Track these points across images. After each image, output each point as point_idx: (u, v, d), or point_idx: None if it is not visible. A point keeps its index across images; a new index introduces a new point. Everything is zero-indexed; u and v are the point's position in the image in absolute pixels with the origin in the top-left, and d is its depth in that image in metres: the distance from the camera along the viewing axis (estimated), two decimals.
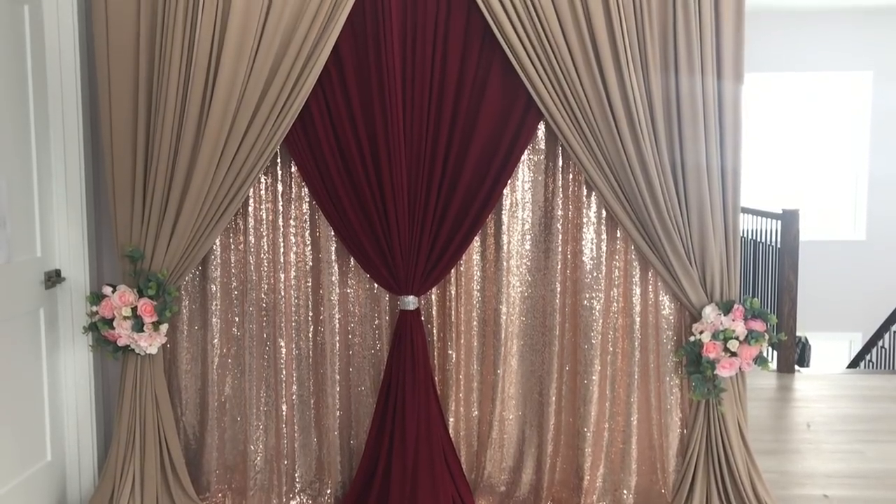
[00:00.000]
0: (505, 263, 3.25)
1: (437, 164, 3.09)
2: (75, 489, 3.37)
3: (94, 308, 3.14)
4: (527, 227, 3.27)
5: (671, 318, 3.20)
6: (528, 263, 3.29)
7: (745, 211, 7.09)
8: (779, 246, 6.14)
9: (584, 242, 3.22)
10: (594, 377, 3.22)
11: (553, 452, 3.30)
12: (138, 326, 3.10)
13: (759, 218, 6.88)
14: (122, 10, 3.02)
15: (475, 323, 3.31)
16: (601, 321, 3.22)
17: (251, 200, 3.25)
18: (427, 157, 3.10)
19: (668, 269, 3.09)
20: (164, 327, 3.15)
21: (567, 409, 3.30)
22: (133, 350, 3.15)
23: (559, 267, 3.24)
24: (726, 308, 3.04)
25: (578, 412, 3.26)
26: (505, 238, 3.25)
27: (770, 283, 6.57)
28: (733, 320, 3.00)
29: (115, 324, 3.11)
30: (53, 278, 3.24)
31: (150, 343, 3.12)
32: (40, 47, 3.14)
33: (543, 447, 3.28)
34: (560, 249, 3.23)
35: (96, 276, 3.37)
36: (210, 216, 3.10)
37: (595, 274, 3.21)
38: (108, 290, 3.13)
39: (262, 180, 3.26)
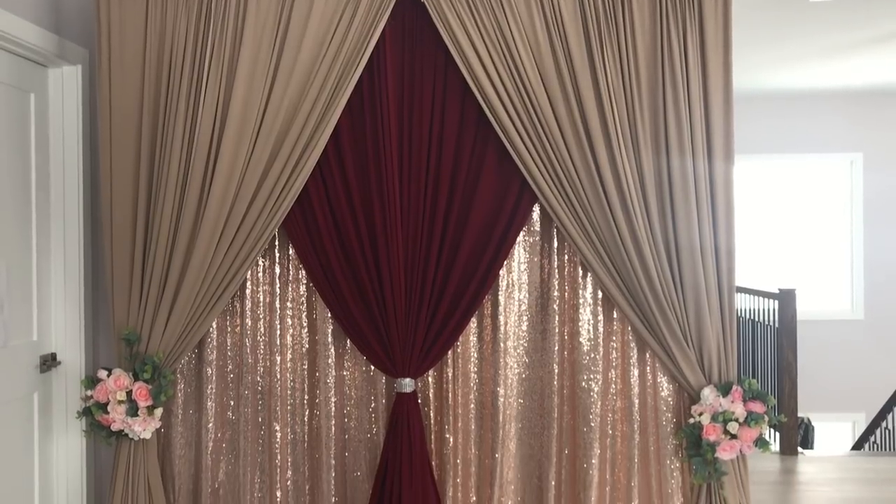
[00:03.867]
0: (502, 345, 3.25)
1: (433, 246, 3.12)
2: None
3: (89, 392, 3.12)
4: (523, 308, 3.28)
5: (670, 399, 3.18)
6: (526, 345, 3.28)
7: (742, 290, 7.10)
8: (777, 325, 6.14)
9: (580, 323, 3.22)
10: (594, 461, 3.17)
11: None
12: (133, 411, 3.07)
13: (756, 297, 6.89)
14: (126, 100, 3.10)
15: (472, 406, 3.28)
16: (600, 403, 3.19)
17: (248, 283, 3.27)
18: (424, 239, 3.14)
19: (665, 349, 3.08)
20: (159, 411, 3.12)
21: (567, 495, 3.24)
22: (127, 435, 3.11)
23: (556, 348, 3.23)
24: (725, 390, 3.02)
25: (579, 498, 3.20)
26: (502, 319, 3.25)
27: (769, 364, 6.53)
28: (732, 402, 2.98)
29: (109, 408, 3.07)
30: (49, 362, 3.22)
31: (144, 428, 3.09)
32: (44, 133, 3.22)
33: None
34: (557, 330, 3.23)
35: (92, 359, 3.36)
36: (208, 298, 3.11)
37: (592, 355, 3.20)
38: (103, 373, 3.11)
39: (260, 262, 3.28)
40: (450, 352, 3.26)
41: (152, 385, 3.10)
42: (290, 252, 3.28)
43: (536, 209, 3.26)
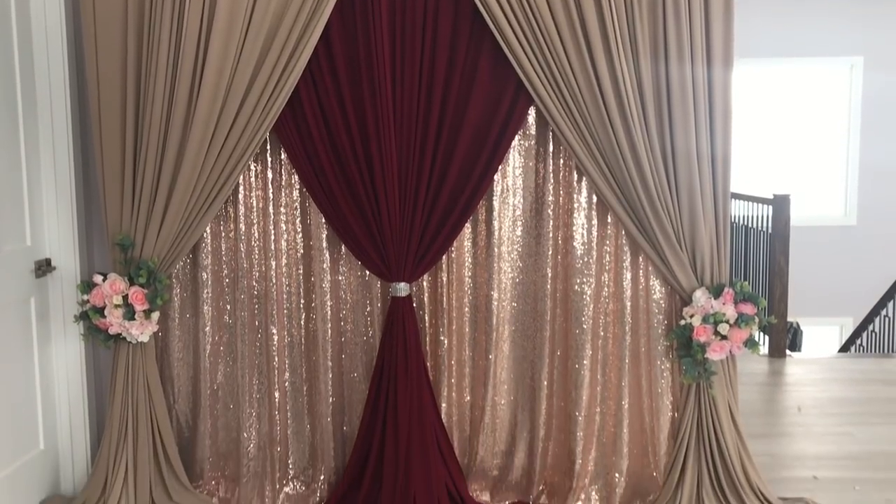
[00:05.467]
0: (496, 249, 3.26)
1: (427, 149, 3.09)
2: (69, 477, 3.37)
3: (85, 297, 3.14)
4: (518, 213, 3.28)
5: (662, 302, 3.21)
6: (520, 249, 3.29)
7: (737, 197, 7.09)
8: (770, 231, 6.17)
9: (574, 228, 3.22)
10: (585, 361, 3.23)
11: (545, 436, 3.31)
12: (129, 315, 3.10)
13: (751, 203, 6.90)
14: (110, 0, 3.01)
15: (467, 309, 3.32)
16: (592, 306, 3.23)
17: (241, 188, 3.25)
18: (417, 142, 3.10)
19: (658, 253, 3.10)
20: (156, 315, 3.15)
21: (559, 394, 3.31)
22: (125, 338, 3.14)
23: (550, 252, 3.24)
24: (716, 292, 3.06)
25: (570, 396, 3.27)
26: (496, 224, 3.25)
27: (761, 269, 6.59)
28: (723, 304, 3.02)
29: (106, 312, 3.10)
30: (44, 267, 3.23)
31: (141, 331, 3.12)
32: (27, 38, 3.12)
33: (535, 431, 3.30)
34: (551, 235, 3.24)
35: (87, 265, 3.37)
36: (200, 204, 3.09)
37: (586, 259, 3.22)
38: (98, 278, 3.12)
39: (252, 168, 3.26)
40: (444, 257, 3.27)
41: (148, 290, 3.12)
42: (283, 157, 3.24)
43: (532, 113, 3.21)
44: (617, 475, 3.27)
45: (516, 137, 3.21)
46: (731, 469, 3.09)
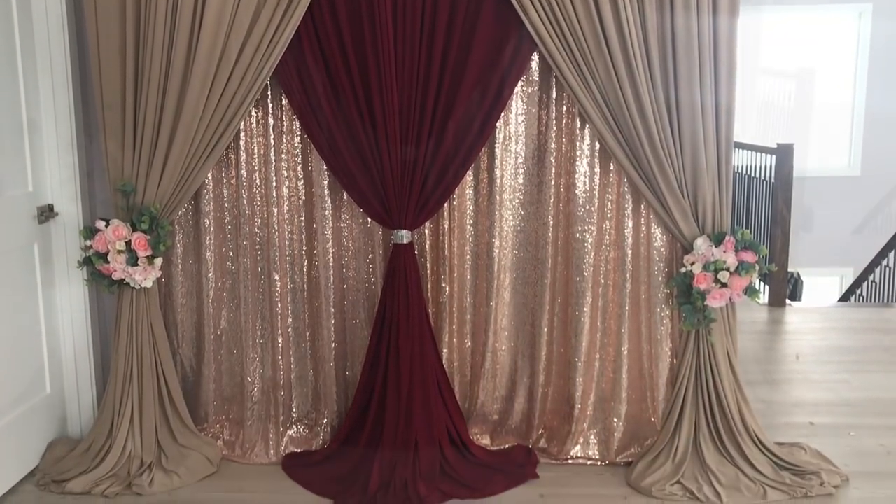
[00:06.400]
0: (498, 197, 3.26)
1: (429, 94, 3.06)
2: (75, 421, 3.43)
3: (88, 242, 3.15)
4: (520, 160, 3.26)
5: (663, 250, 3.22)
6: (521, 197, 3.29)
7: (740, 146, 7.06)
8: (773, 181, 6.15)
9: (577, 175, 3.21)
10: (586, 309, 3.25)
11: (545, 382, 3.35)
12: (133, 260, 3.11)
13: (754, 153, 6.87)
14: None
15: (468, 257, 3.33)
16: (593, 254, 3.24)
17: (242, 134, 3.23)
18: (419, 87, 3.07)
19: (660, 200, 3.09)
20: (159, 261, 3.17)
21: (559, 341, 3.34)
22: (128, 284, 3.16)
23: (552, 200, 3.24)
24: (718, 239, 3.06)
25: (570, 343, 3.30)
26: (498, 172, 3.24)
27: (763, 219, 6.60)
28: (724, 251, 3.03)
29: (109, 258, 3.12)
30: (46, 213, 3.24)
31: (144, 277, 3.14)
32: None
33: (535, 377, 3.34)
34: (553, 182, 3.23)
35: (90, 211, 3.37)
36: (202, 149, 3.08)
37: (587, 207, 3.22)
38: (101, 224, 3.13)
39: (254, 113, 3.24)
40: (446, 205, 3.27)
41: (151, 236, 3.13)
42: (284, 103, 3.22)
43: (535, 58, 3.18)
44: (615, 420, 3.32)
45: (519, 84, 3.18)
46: (729, 415, 3.13)
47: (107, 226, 3.12)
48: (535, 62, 3.18)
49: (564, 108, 3.20)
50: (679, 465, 3.09)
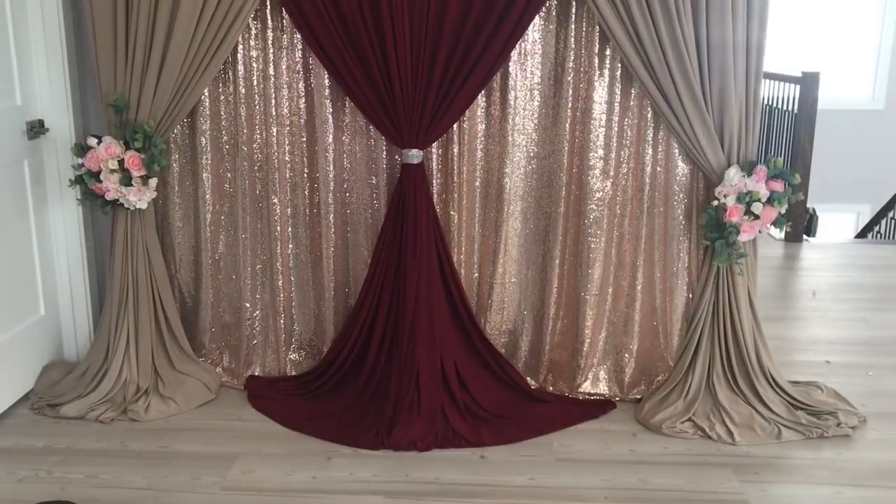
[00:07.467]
0: (510, 121, 3.08)
1: (447, 15, 2.84)
2: (71, 343, 3.34)
3: (80, 160, 3.01)
4: (535, 80, 3.07)
5: (683, 180, 3.06)
6: (536, 120, 3.11)
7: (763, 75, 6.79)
8: (796, 111, 5.91)
9: (595, 99, 3.03)
10: (600, 240, 3.10)
11: (555, 315, 3.23)
12: (126, 180, 2.97)
13: (776, 83, 6.60)
14: None
15: (478, 184, 3.17)
16: (610, 182, 3.07)
17: (241, 48, 3.04)
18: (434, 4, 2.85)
19: (683, 128, 2.91)
20: (154, 182, 3.03)
21: (570, 272, 3.21)
22: (122, 205, 3.03)
23: (568, 124, 3.06)
24: (749, 169, 2.89)
25: (582, 275, 3.16)
26: (511, 93, 3.05)
27: (783, 151, 6.37)
28: (756, 181, 2.86)
29: (102, 177, 2.98)
30: (36, 128, 3.09)
31: (139, 198, 3.01)
32: None
33: (545, 310, 3.21)
34: (570, 105, 3.04)
35: (82, 127, 3.21)
36: (197, 63, 2.91)
37: (606, 132, 3.04)
38: (93, 141, 2.98)
39: (252, 27, 3.04)
40: (456, 127, 3.09)
41: (145, 155, 2.98)
42: (284, 16, 3.02)
43: None
44: (626, 355, 3.21)
45: None
46: (745, 354, 3.02)
47: (99, 143, 2.97)
48: None
49: (584, 25, 2.99)
50: (691, 403, 2.99)
